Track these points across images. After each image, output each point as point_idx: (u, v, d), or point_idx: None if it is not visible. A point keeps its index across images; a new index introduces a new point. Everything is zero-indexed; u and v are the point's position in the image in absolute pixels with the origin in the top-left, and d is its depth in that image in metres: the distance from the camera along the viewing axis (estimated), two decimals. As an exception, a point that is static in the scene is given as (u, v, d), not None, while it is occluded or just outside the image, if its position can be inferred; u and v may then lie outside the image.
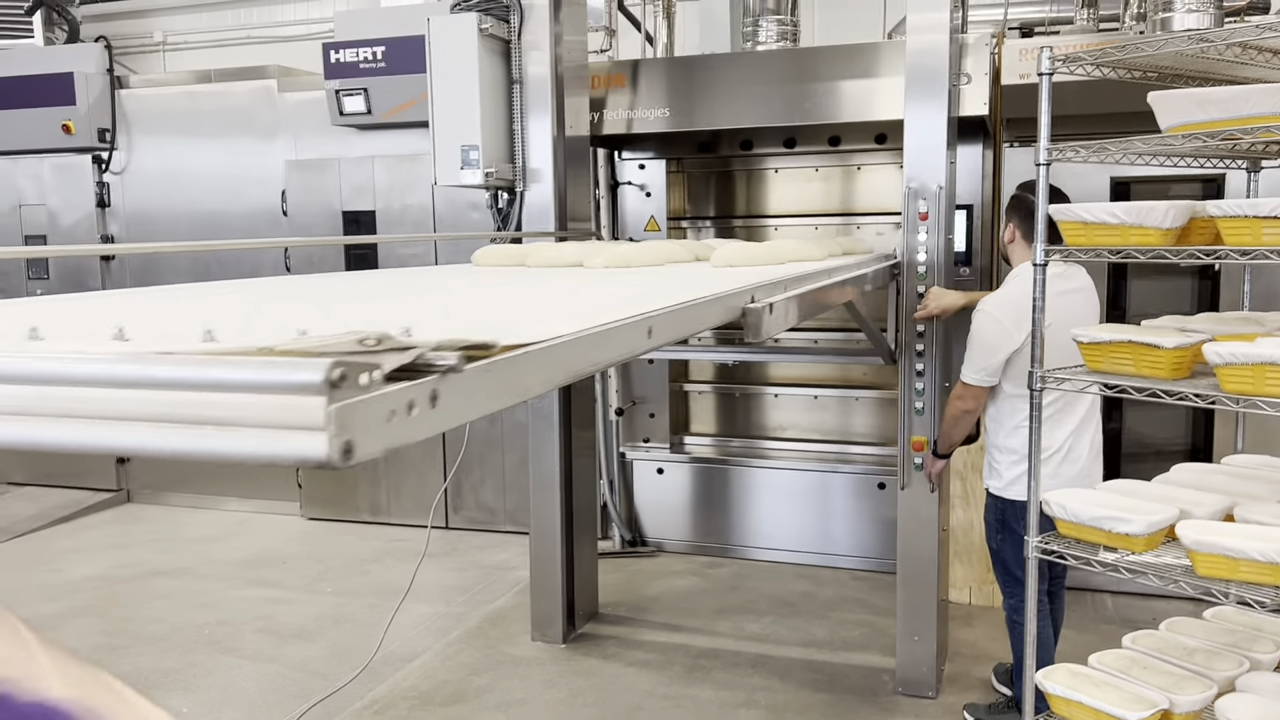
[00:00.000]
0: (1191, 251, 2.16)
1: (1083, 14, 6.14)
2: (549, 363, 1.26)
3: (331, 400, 0.86)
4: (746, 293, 2.05)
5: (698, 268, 3.11)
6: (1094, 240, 2.34)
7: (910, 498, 4.02)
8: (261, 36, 10.86)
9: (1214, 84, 2.78)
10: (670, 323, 1.70)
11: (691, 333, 1.92)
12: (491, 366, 1.11)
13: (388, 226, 6.27)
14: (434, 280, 2.74)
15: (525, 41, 4.34)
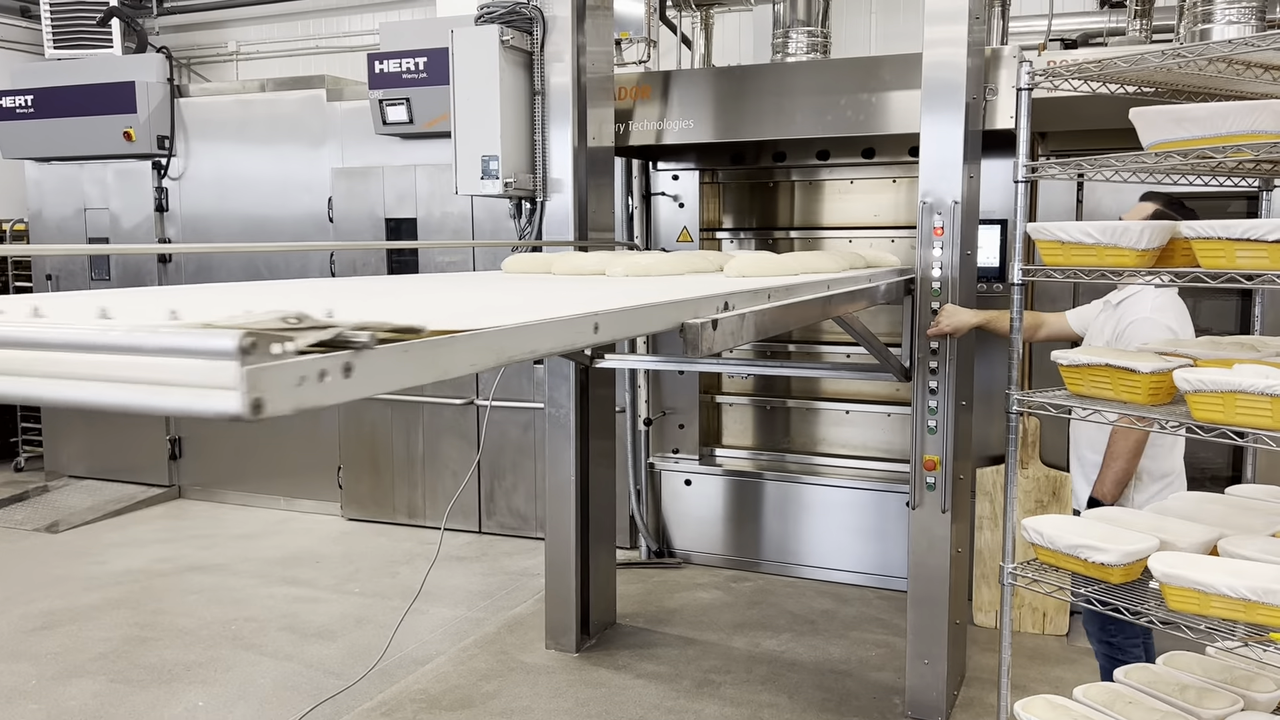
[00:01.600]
0: (1164, 273, 2.08)
1: (1135, 25, 5.97)
2: (474, 348, 1.42)
3: (244, 364, 1.02)
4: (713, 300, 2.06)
5: (712, 277, 3.13)
6: (1071, 260, 2.26)
7: (921, 517, 3.94)
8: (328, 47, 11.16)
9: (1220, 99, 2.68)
10: (616, 322, 1.81)
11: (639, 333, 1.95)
12: (410, 347, 1.27)
13: (428, 233, 6.38)
14: (446, 284, 2.85)
15: (548, 53, 4.37)
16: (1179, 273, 2.07)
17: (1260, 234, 1.92)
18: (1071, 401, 2.34)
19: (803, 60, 4.90)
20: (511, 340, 1.51)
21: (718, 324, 1.97)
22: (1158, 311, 2.90)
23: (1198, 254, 2.06)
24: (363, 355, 1.18)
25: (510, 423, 6.28)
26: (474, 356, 1.43)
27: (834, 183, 5.76)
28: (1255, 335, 2.79)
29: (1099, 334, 3.21)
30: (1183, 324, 2.98)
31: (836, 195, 5.78)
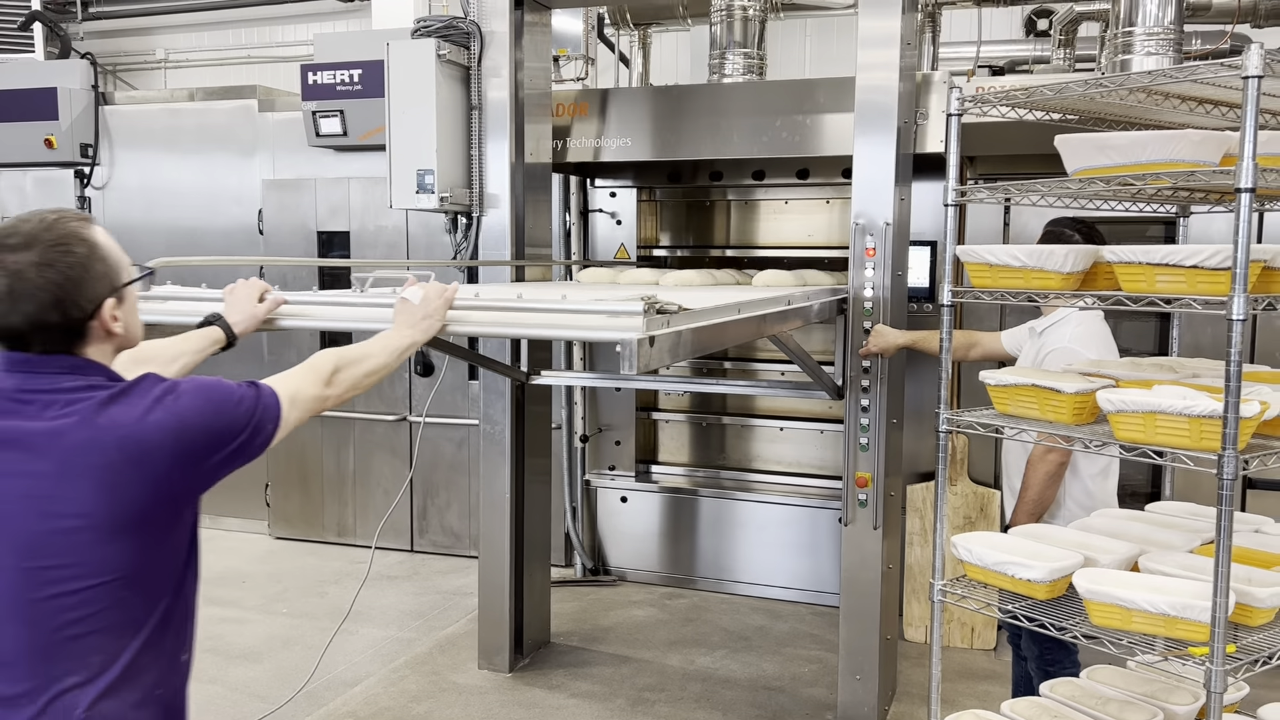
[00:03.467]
0: (1088, 295, 2.14)
1: (1059, 53, 6.15)
2: (701, 315, 2.52)
3: (644, 317, 2.18)
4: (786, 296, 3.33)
5: (743, 288, 4.11)
6: (998, 282, 2.31)
7: (853, 534, 3.98)
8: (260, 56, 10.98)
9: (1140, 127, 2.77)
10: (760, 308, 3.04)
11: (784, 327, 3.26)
12: (684, 314, 2.39)
13: (361, 247, 6.30)
14: (583, 288, 3.99)
15: (485, 68, 4.35)
16: (1102, 295, 2.13)
17: (1178, 259, 1.98)
18: (999, 421, 2.39)
19: (739, 81, 4.95)
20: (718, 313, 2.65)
21: (654, 341, 1.97)
22: (1076, 341, 2.95)
23: (1119, 278, 2.12)
24: (676, 315, 2.33)
25: (444, 439, 6.21)
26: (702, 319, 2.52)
27: (769, 202, 5.82)
28: (1173, 357, 2.88)
29: (1024, 360, 3.28)
30: (1104, 354, 3.05)
31: (772, 215, 5.84)
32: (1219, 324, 4.38)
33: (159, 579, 1.60)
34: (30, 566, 1.50)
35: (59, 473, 1.50)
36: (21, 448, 1.51)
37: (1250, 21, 5.70)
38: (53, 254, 1.53)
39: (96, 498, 1.51)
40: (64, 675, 1.52)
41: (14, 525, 1.51)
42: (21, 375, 1.56)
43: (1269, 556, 2.36)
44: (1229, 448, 1.91)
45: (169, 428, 1.55)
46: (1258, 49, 1.81)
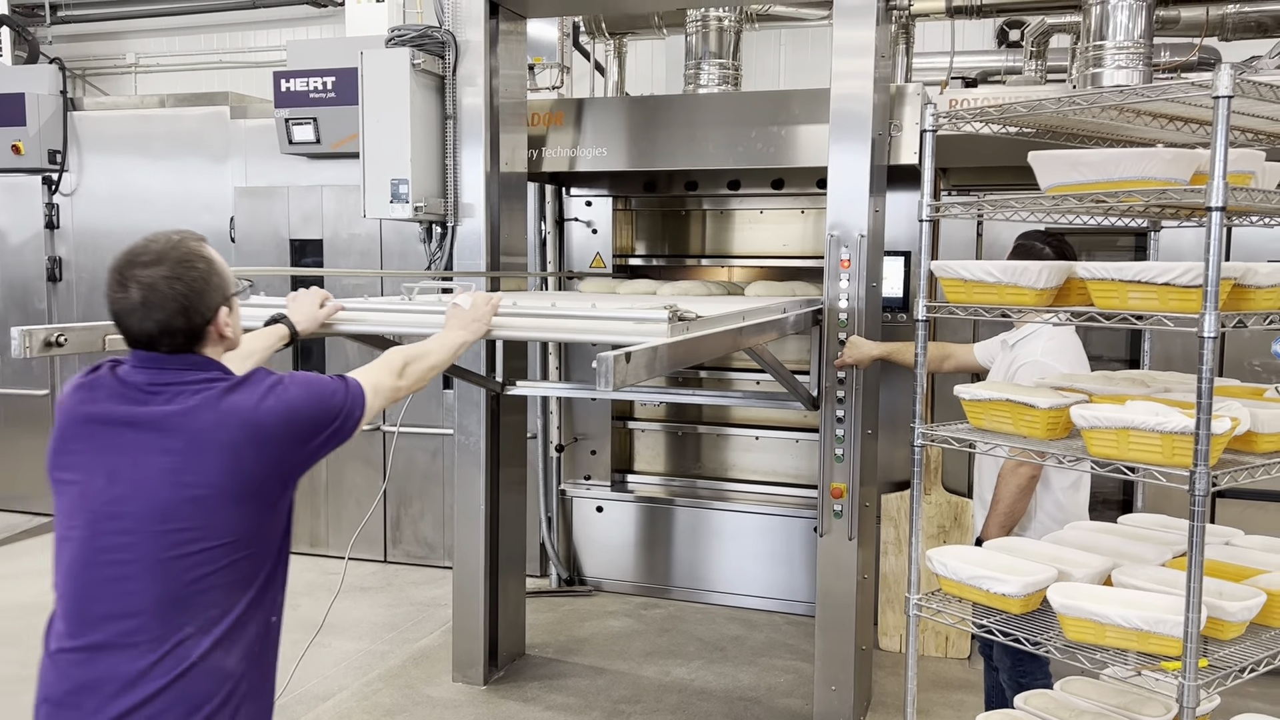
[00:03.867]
0: (1061, 312, 2.15)
1: (1031, 65, 6.21)
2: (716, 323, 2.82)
3: (669, 323, 2.47)
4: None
5: (736, 298, 4.43)
6: (973, 297, 2.32)
7: (829, 544, 3.99)
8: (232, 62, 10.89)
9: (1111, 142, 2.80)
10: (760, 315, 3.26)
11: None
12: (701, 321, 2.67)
13: (334, 255, 6.25)
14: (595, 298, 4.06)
15: (459, 77, 4.34)
16: (1075, 312, 2.14)
17: (1150, 276, 1.99)
18: (973, 435, 2.40)
19: (714, 92, 4.96)
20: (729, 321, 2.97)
21: (630, 357, 1.96)
22: (1048, 355, 2.96)
23: (1092, 294, 2.14)
24: (694, 323, 2.60)
25: (418, 449, 6.17)
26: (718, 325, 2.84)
27: (744, 212, 5.83)
28: (1145, 369, 2.91)
29: (995, 374, 3.29)
30: (1075, 367, 3.06)
31: (747, 224, 5.85)
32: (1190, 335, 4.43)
33: (266, 544, 1.86)
34: (163, 529, 1.75)
35: (188, 450, 1.77)
36: (156, 429, 1.78)
37: (1218, 35, 5.78)
38: (179, 269, 1.80)
39: (220, 471, 1.78)
40: (184, 625, 1.76)
41: (150, 494, 1.76)
42: (152, 371, 1.83)
43: (1239, 569, 2.38)
44: (1200, 464, 1.92)
45: (280, 413, 1.83)
46: (1228, 70, 1.83)
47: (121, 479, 1.77)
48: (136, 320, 1.80)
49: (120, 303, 1.80)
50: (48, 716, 1.81)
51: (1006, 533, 3.13)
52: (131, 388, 1.82)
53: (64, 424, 1.85)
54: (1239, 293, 2.02)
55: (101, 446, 1.80)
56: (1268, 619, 2.21)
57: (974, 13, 5.09)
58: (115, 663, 1.74)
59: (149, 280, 1.78)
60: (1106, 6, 4.30)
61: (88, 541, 1.78)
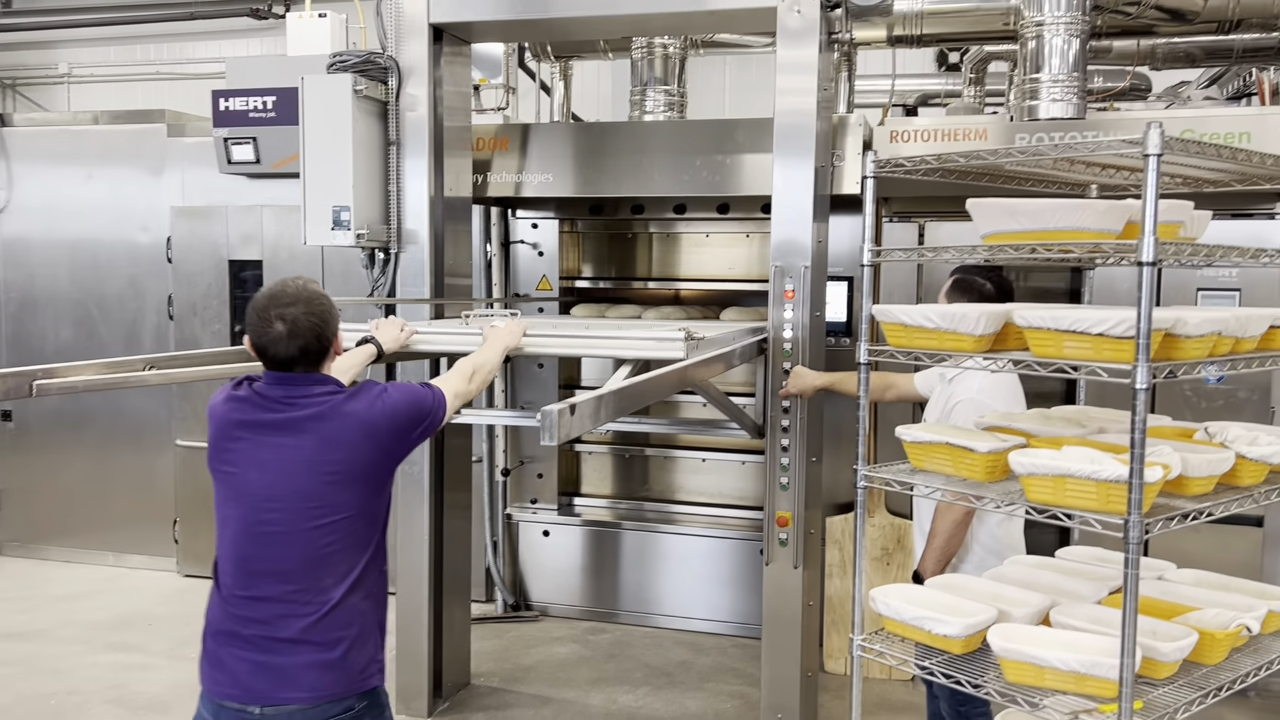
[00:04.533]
0: (1000, 358, 2.18)
1: (970, 91, 6.32)
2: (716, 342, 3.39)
3: (686, 343, 3.11)
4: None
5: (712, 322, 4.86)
6: (913, 342, 2.35)
7: (775, 572, 4.01)
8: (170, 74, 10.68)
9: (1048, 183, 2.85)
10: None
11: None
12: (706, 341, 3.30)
13: (274, 276, 6.08)
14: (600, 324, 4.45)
15: (403, 103, 4.30)
16: (1014, 359, 2.17)
17: (1085, 327, 2.04)
18: (915, 477, 2.42)
19: (660, 120, 4.98)
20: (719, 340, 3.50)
21: (575, 409, 1.95)
22: (983, 393, 3.00)
23: (1029, 342, 2.18)
24: (700, 342, 3.16)
25: (361, 473, 6.08)
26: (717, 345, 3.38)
27: (690, 235, 5.86)
28: (1080, 406, 2.97)
29: (933, 408, 3.33)
30: (1011, 404, 3.11)
31: (693, 248, 5.88)
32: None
33: (377, 515, 2.42)
34: (304, 507, 2.31)
35: (320, 446, 2.32)
36: (295, 431, 2.32)
37: (1149, 64, 5.94)
38: (314, 305, 2.35)
39: (344, 460, 2.33)
40: (323, 578, 2.31)
41: (294, 481, 2.31)
42: (286, 387, 2.36)
43: (1171, 606, 2.43)
44: (1134, 513, 1.96)
45: (387, 415, 2.38)
46: (1156, 129, 1.88)
47: (271, 470, 2.32)
48: (281, 348, 2.32)
49: (267, 335, 2.31)
50: (215, 644, 2.37)
51: (944, 565, 3.17)
52: (271, 400, 2.35)
53: (220, 428, 2.39)
54: (1169, 341, 2.07)
55: (253, 446, 2.33)
56: (1200, 657, 2.26)
57: (914, 42, 5.16)
58: (274, 606, 2.29)
59: (292, 316, 2.30)
60: (1042, 40, 4.39)
61: (247, 517, 2.33)
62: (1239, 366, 2.19)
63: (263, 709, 2.29)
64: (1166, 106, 6.03)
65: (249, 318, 2.35)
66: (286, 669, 2.28)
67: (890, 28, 5.15)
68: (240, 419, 2.36)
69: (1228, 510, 2.17)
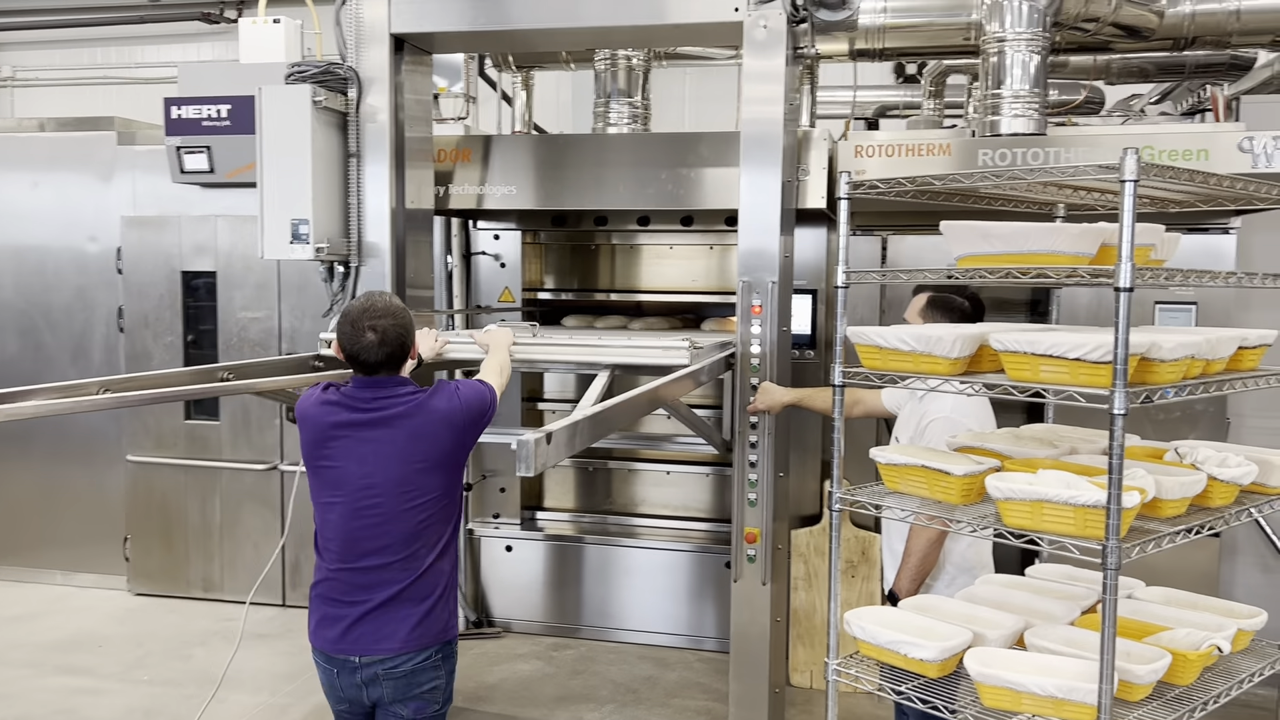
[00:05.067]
0: (975, 382, 2.18)
1: (929, 103, 6.37)
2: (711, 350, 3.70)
3: (690, 351, 3.43)
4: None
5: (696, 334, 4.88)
6: (889, 364, 2.34)
7: (743, 589, 3.99)
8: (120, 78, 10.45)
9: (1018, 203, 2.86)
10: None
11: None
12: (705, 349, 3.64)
13: (229, 288, 6.02)
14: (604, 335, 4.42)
15: (363, 114, 4.22)
16: (989, 383, 2.17)
17: (1062, 351, 2.03)
18: (890, 501, 2.41)
19: (624, 132, 4.95)
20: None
21: (551, 437, 1.91)
22: (956, 411, 3.00)
23: (1005, 366, 2.17)
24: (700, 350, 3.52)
25: (319, 488, 5.97)
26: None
27: (654, 247, 5.83)
28: (1049, 425, 2.98)
29: (905, 425, 3.33)
30: (983, 421, 3.12)
31: (656, 260, 5.85)
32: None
33: (456, 494, 2.86)
34: (400, 491, 2.72)
35: (409, 439, 2.72)
36: (386, 426, 2.72)
37: (1104, 78, 6.02)
38: (399, 318, 2.76)
39: (430, 449, 2.74)
40: (418, 549, 2.75)
41: (389, 470, 2.71)
42: (373, 389, 2.75)
43: (1143, 626, 2.44)
44: (1112, 538, 1.96)
45: (461, 410, 2.77)
46: (1133, 156, 1.88)
47: (369, 462, 2.71)
48: (372, 354, 2.71)
49: (360, 343, 2.71)
50: (324, 606, 2.80)
51: (918, 585, 3.17)
52: (362, 401, 2.75)
53: (317, 430, 2.78)
54: (1144, 365, 2.07)
55: (353, 443, 2.73)
56: (1173, 678, 2.27)
57: (876, 56, 5.18)
58: (375, 574, 2.73)
59: (383, 327, 2.71)
60: (1004, 55, 4.42)
61: (349, 504, 2.73)
62: (1210, 389, 2.21)
63: (362, 659, 2.74)
64: (1123, 122, 6.12)
65: (341, 327, 2.75)
66: (385, 625, 2.73)
67: (852, 42, 5.17)
68: (336, 421, 2.75)
69: (1201, 533, 2.18)
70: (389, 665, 2.73)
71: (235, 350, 6.04)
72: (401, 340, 2.74)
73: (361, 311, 2.73)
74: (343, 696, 2.84)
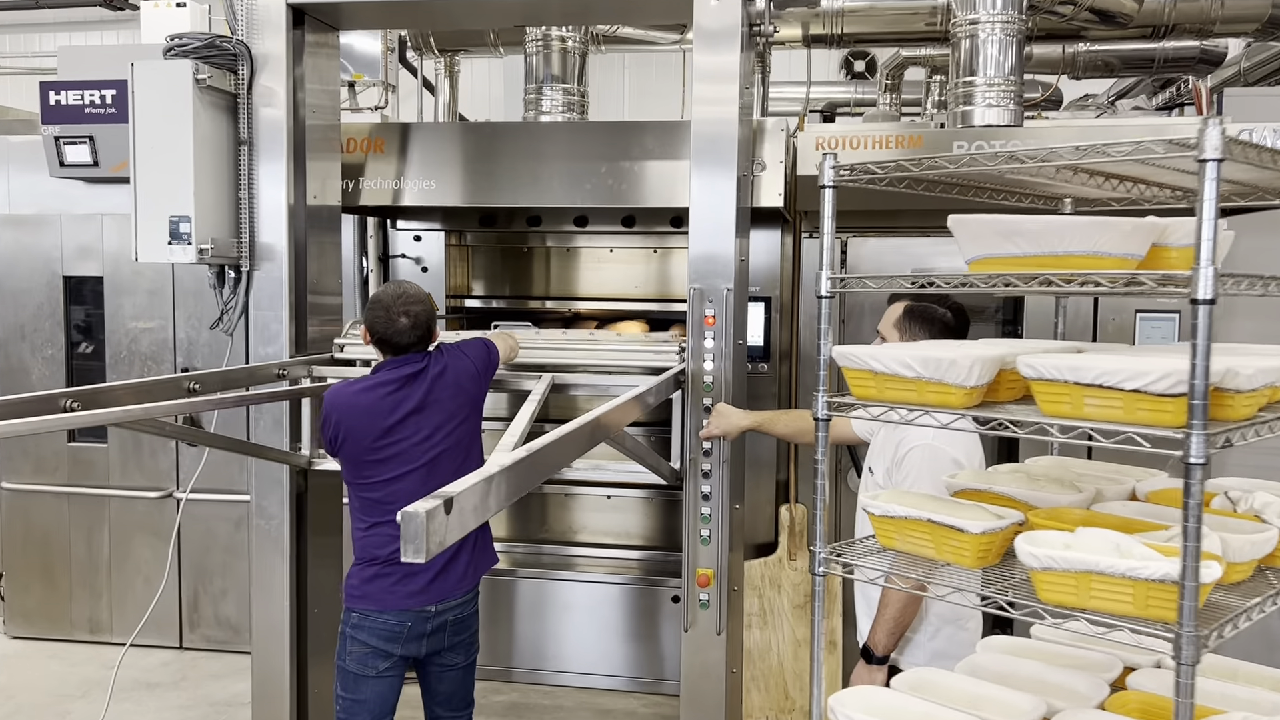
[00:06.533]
0: (1001, 421, 1.72)
1: (885, 98, 5.98)
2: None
3: (678, 351, 3.45)
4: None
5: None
6: (885, 394, 1.87)
7: (695, 640, 3.50)
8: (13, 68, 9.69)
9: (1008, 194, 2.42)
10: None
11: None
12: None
13: (118, 295, 5.40)
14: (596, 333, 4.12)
15: (256, 96, 3.66)
16: (1018, 421, 1.71)
17: (1116, 381, 1.58)
18: (887, 564, 1.94)
19: (559, 121, 4.44)
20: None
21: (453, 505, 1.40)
22: (939, 438, 2.52)
23: (1038, 397, 1.72)
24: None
25: (219, 518, 5.37)
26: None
27: (593, 250, 5.33)
28: (1055, 457, 2.54)
29: (879, 454, 2.87)
30: (970, 451, 2.68)
31: (595, 264, 5.35)
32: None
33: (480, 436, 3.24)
34: (456, 443, 3.12)
35: (451, 395, 3.11)
36: (433, 385, 3.08)
37: (1070, 73, 5.69)
38: (426, 304, 3.12)
39: (465, 401, 3.15)
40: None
41: (443, 419, 3.09)
42: (410, 364, 3.08)
43: (1191, 709, 2.01)
44: (1188, 623, 1.51)
45: (472, 361, 3.20)
46: (1216, 126, 1.44)
47: (427, 426, 3.05)
48: (405, 337, 3.03)
49: (394, 326, 3.02)
50: (397, 568, 3.01)
51: (897, 639, 2.72)
52: (405, 375, 3.05)
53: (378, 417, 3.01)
54: (1216, 398, 1.63)
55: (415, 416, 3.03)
56: (1232, 780, 1.84)
57: (833, 42, 4.77)
58: None
59: (414, 312, 3.04)
60: (976, 41, 4.02)
61: (420, 470, 3.04)
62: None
63: (437, 606, 3.07)
64: (1097, 116, 5.78)
65: (374, 313, 3.03)
66: (453, 572, 3.07)
67: (806, 26, 4.74)
68: (403, 404, 3.01)
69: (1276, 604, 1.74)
70: (455, 608, 3.13)
71: (125, 364, 5.42)
72: (429, 324, 3.08)
73: (395, 298, 3.03)
74: (396, 657, 3.10)
